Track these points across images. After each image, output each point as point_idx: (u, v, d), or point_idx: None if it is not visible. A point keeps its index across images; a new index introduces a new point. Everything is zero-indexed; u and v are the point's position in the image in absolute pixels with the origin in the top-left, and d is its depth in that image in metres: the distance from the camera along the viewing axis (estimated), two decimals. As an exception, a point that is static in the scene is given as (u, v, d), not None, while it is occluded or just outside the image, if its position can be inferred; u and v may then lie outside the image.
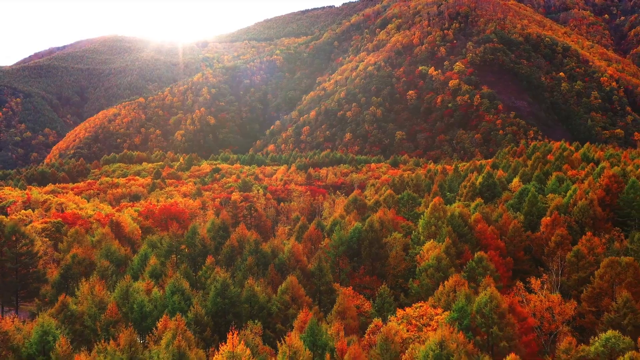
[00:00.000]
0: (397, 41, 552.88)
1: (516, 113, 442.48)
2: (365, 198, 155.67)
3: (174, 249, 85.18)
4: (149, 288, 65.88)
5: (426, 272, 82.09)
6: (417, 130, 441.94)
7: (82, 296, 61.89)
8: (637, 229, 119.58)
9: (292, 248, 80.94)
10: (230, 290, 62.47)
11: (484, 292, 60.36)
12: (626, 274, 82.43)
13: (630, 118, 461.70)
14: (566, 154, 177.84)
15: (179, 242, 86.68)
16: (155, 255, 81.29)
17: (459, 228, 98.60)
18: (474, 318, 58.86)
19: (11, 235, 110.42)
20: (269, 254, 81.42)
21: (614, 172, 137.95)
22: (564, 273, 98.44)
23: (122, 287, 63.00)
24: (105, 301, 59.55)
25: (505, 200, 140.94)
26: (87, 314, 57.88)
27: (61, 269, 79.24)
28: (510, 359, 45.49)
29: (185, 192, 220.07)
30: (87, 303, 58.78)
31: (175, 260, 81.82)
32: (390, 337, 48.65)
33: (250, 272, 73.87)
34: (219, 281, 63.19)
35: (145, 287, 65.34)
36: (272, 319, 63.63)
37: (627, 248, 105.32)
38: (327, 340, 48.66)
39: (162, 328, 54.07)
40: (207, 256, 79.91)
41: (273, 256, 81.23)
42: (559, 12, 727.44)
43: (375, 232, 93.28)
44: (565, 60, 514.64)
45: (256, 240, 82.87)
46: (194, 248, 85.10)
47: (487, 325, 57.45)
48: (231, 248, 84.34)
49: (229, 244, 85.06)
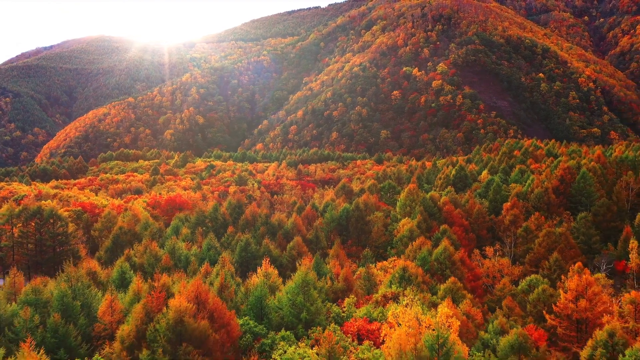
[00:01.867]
0: (382, 42, 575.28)
1: (497, 112, 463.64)
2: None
3: (201, 222, 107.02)
4: (187, 248, 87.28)
5: (401, 241, 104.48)
6: (402, 130, 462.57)
7: (139, 253, 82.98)
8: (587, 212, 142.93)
9: (295, 220, 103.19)
10: (251, 247, 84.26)
11: (441, 246, 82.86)
12: (559, 241, 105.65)
13: (607, 117, 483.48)
14: (531, 150, 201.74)
15: (204, 217, 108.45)
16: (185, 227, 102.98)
17: (429, 208, 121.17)
18: (432, 265, 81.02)
19: (49, 217, 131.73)
20: (276, 225, 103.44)
21: (569, 165, 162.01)
22: (516, 245, 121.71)
23: (169, 245, 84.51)
24: (159, 255, 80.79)
25: (475, 189, 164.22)
26: (146, 263, 78.94)
27: (112, 237, 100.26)
28: (451, 280, 67.65)
29: (185, 186, 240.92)
30: (146, 256, 79.93)
31: (201, 231, 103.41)
32: (371, 272, 70.76)
33: (263, 237, 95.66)
34: (243, 240, 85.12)
35: (184, 246, 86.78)
36: (283, 269, 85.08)
37: (572, 227, 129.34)
38: (326, 270, 70.54)
39: (204, 272, 75.60)
40: (228, 227, 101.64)
41: (279, 227, 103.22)
42: (539, 14, 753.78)
43: (361, 211, 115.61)
44: (544, 61, 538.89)
45: (266, 214, 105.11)
46: (216, 221, 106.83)
47: (441, 269, 79.72)
48: (246, 221, 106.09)
49: (244, 218, 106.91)
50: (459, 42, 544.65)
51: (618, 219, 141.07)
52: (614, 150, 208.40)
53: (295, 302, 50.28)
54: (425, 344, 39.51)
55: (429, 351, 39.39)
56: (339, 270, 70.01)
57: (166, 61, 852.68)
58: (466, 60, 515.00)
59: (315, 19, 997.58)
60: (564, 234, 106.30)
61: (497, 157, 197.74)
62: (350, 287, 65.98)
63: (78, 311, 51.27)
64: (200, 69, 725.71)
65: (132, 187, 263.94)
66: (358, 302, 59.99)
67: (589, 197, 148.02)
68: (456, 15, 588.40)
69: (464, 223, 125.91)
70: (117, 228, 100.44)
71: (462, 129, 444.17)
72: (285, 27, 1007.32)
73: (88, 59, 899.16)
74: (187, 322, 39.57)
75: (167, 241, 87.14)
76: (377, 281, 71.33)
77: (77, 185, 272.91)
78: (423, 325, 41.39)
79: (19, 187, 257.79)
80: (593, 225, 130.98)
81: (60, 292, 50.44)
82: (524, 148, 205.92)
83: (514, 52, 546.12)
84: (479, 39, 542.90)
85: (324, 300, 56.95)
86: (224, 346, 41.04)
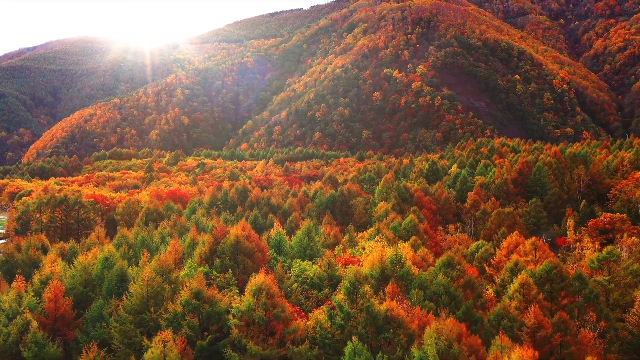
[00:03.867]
0: (363, 45, 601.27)
1: (474, 113, 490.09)
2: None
3: (213, 205, 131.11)
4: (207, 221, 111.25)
5: (378, 219, 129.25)
6: (383, 129, 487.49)
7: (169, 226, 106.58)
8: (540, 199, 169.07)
9: (291, 201, 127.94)
10: (259, 220, 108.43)
11: (408, 218, 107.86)
12: (507, 219, 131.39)
13: (580, 118, 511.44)
14: (498, 147, 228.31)
15: (217, 200, 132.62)
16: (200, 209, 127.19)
17: (403, 195, 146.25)
18: (401, 232, 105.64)
19: (74, 205, 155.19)
20: (275, 206, 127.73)
21: (527, 160, 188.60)
22: (475, 225, 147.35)
23: (194, 219, 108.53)
24: (187, 226, 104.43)
25: (445, 181, 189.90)
26: (177, 233, 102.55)
27: (142, 216, 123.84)
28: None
29: (181, 181, 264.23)
30: (177, 228, 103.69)
31: (214, 211, 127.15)
32: (353, 235, 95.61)
33: (267, 214, 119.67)
34: (252, 215, 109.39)
35: (205, 220, 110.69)
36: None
37: (525, 211, 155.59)
38: (320, 232, 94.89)
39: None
40: (237, 207, 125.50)
41: (278, 207, 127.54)
42: (517, 16, 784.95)
43: (345, 197, 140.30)
44: (520, 63, 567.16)
45: (268, 196, 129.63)
46: (226, 203, 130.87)
47: (408, 235, 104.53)
48: (251, 202, 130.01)
49: (249, 200, 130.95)
50: (438, 44, 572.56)
51: (568, 205, 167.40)
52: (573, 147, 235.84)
53: (302, 243, 74.39)
54: (389, 260, 64.16)
55: (391, 264, 64.06)
56: (330, 231, 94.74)
57: (150, 62, 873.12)
58: (445, 62, 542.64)
59: (297, 20, 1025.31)
60: (511, 213, 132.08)
61: (466, 154, 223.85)
62: (338, 242, 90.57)
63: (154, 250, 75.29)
64: (184, 70, 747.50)
65: (129, 183, 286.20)
66: (344, 250, 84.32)
67: (543, 187, 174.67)
68: (435, 19, 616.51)
69: (433, 207, 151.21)
70: (146, 208, 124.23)
71: (441, 129, 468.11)
72: (268, 28, 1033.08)
73: (72, 60, 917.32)
74: (241, 242, 63.49)
75: (192, 216, 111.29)
76: (357, 241, 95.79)
77: (75, 182, 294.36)
78: (388, 251, 66.10)
79: (22, 183, 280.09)
80: (543, 210, 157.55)
81: (141, 237, 74.16)
82: (491, 145, 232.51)
83: (491, 54, 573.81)
84: (457, 41, 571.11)
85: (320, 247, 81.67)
86: (262, 259, 65.13)
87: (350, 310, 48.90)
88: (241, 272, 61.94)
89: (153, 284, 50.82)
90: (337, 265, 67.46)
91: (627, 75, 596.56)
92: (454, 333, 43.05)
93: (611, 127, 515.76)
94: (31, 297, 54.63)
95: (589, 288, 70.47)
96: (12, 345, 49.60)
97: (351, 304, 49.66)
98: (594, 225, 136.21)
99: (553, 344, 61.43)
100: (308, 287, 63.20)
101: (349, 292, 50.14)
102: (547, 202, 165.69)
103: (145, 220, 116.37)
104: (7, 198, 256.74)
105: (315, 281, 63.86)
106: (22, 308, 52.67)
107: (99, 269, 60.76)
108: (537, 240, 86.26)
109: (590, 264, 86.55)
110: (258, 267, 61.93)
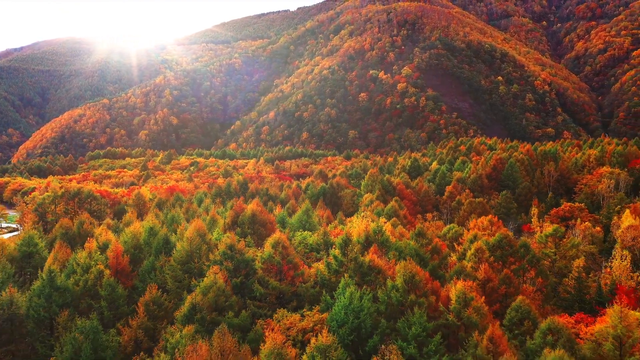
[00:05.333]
0: (349, 46, 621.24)
1: (458, 114, 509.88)
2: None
3: (217, 195, 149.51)
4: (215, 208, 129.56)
5: (364, 208, 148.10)
6: (369, 130, 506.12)
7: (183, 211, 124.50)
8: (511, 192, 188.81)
9: (287, 192, 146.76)
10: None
11: (390, 204, 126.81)
12: (478, 207, 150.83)
13: (561, 118, 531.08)
14: (475, 145, 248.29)
15: (221, 191, 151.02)
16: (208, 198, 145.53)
17: (386, 187, 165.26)
18: (384, 217, 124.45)
19: (87, 197, 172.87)
20: (273, 196, 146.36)
21: (501, 157, 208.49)
22: (451, 214, 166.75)
23: (204, 206, 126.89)
24: (199, 212, 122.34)
25: (426, 176, 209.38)
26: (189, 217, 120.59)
27: (155, 205, 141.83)
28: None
29: (177, 178, 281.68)
30: (189, 212, 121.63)
31: (220, 200, 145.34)
32: (343, 219, 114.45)
33: (267, 202, 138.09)
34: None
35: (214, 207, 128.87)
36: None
37: (497, 202, 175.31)
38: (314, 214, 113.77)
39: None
40: (240, 197, 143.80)
41: (276, 197, 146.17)
42: (500, 19, 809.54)
43: (334, 189, 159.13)
44: (503, 65, 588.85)
45: (266, 187, 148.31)
46: (229, 194, 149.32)
47: (389, 219, 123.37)
48: (252, 193, 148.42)
49: (250, 191, 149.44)
50: (423, 46, 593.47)
51: (537, 197, 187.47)
52: (545, 145, 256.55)
53: (302, 219, 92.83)
54: (372, 230, 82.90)
55: (374, 233, 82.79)
56: (323, 213, 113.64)
57: (138, 63, 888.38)
58: (429, 64, 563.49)
59: (284, 22, 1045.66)
60: (481, 202, 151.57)
61: (445, 151, 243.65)
62: (330, 222, 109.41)
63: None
64: (172, 70, 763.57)
65: (125, 181, 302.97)
66: (335, 227, 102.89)
67: (515, 181, 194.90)
68: (420, 21, 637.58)
69: (413, 199, 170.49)
70: (158, 198, 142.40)
71: (426, 129, 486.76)
72: (255, 29, 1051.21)
73: (60, 61, 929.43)
74: (257, 214, 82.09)
75: (202, 203, 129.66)
76: (346, 223, 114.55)
77: (73, 180, 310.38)
78: (371, 225, 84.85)
79: (23, 181, 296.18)
80: (514, 201, 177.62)
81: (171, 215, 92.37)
82: (469, 144, 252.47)
83: (474, 56, 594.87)
84: (441, 43, 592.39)
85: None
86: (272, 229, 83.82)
87: (343, 260, 67.54)
88: (257, 237, 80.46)
89: (194, 242, 69.14)
90: (331, 236, 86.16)
91: (607, 77, 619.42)
92: (416, 269, 61.58)
93: (591, 127, 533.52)
94: (99, 255, 72.75)
95: (532, 254, 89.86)
96: (91, 287, 67.68)
97: (343, 256, 68.33)
98: (556, 214, 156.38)
99: (499, 293, 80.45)
100: (308, 250, 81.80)
101: (341, 247, 68.86)
102: (518, 195, 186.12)
103: (158, 208, 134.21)
104: (10, 194, 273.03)
105: (314, 246, 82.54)
106: (93, 262, 70.78)
107: (145, 236, 79.02)
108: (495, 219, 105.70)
109: (539, 239, 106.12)
110: (270, 234, 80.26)
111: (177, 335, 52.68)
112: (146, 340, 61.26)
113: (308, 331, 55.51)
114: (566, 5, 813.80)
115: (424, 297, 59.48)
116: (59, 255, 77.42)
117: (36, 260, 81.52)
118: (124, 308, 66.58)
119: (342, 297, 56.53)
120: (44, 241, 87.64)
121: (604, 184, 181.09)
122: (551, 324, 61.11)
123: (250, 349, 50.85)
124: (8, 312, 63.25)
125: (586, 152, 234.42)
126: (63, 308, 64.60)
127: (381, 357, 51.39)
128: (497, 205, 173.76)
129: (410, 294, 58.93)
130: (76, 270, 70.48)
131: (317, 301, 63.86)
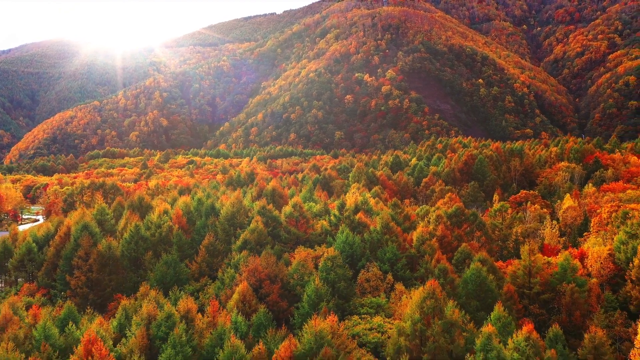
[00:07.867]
0: (335, 50, 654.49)
1: (440, 115, 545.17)
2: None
3: (229, 184, 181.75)
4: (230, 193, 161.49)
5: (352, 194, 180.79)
6: (354, 130, 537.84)
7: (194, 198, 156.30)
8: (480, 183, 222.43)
9: (288, 181, 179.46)
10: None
11: (373, 190, 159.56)
12: (447, 193, 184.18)
13: (539, 119, 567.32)
14: (452, 144, 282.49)
15: (232, 179, 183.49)
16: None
17: (371, 178, 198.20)
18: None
19: (111, 189, 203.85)
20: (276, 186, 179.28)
21: (472, 153, 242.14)
22: (426, 201, 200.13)
23: (222, 190, 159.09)
24: (218, 195, 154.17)
25: (406, 170, 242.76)
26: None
27: (177, 191, 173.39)
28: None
29: (178, 175, 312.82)
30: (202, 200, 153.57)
31: (231, 189, 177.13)
32: (336, 199, 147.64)
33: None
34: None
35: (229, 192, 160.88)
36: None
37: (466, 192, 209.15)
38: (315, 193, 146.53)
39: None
40: (249, 185, 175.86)
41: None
42: (482, 22, 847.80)
43: (327, 179, 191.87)
44: (484, 68, 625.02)
45: (271, 177, 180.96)
46: (239, 182, 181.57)
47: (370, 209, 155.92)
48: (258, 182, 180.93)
49: (256, 181, 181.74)
50: (406, 50, 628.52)
51: (502, 188, 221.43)
52: (514, 143, 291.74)
53: (306, 196, 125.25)
54: (359, 201, 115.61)
55: (361, 204, 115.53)
56: (321, 194, 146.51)
57: (126, 65, 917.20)
58: (412, 67, 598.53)
59: (271, 25, 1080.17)
60: (450, 189, 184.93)
61: (424, 149, 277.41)
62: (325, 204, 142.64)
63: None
64: (160, 73, 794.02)
65: (127, 179, 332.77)
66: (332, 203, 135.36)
67: (483, 174, 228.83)
68: (404, 25, 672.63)
69: (394, 188, 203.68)
70: (179, 186, 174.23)
71: (409, 130, 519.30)
72: (242, 32, 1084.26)
73: (48, 63, 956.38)
74: (277, 189, 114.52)
75: (220, 189, 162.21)
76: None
77: (77, 177, 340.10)
78: (359, 197, 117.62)
79: (34, 178, 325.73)
80: (481, 191, 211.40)
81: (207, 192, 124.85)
82: (445, 142, 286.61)
83: (456, 59, 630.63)
84: (424, 47, 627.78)
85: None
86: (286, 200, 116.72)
87: (340, 216, 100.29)
88: (276, 206, 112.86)
89: (236, 205, 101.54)
90: (330, 207, 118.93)
91: (584, 79, 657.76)
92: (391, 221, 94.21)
93: (568, 127, 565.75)
94: (165, 216, 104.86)
95: (479, 220, 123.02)
96: (165, 237, 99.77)
97: (340, 214, 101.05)
98: (514, 200, 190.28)
99: (453, 246, 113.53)
100: (313, 216, 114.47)
101: (339, 209, 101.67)
102: (485, 186, 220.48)
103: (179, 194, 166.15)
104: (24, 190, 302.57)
105: (317, 213, 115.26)
106: (163, 221, 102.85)
107: (194, 205, 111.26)
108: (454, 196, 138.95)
109: (490, 214, 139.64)
110: (285, 204, 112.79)
111: (237, 257, 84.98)
112: (207, 270, 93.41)
113: (319, 257, 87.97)
114: (546, 9, 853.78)
115: (395, 237, 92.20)
116: (130, 219, 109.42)
117: (107, 227, 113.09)
118: (188, 251, 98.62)
119: (341, 235, 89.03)
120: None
121: (560, 177, 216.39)
122: (481, 256, 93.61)
123: (284, 264, 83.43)
124: (109, 254, 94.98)
125: (550, 149, 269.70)
126: (146, 250, 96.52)
127: (366, 270, 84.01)
128: (466, 194, 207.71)
129: (386, 235, 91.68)
130: (150, 227, 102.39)
131: (323, 244, 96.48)
